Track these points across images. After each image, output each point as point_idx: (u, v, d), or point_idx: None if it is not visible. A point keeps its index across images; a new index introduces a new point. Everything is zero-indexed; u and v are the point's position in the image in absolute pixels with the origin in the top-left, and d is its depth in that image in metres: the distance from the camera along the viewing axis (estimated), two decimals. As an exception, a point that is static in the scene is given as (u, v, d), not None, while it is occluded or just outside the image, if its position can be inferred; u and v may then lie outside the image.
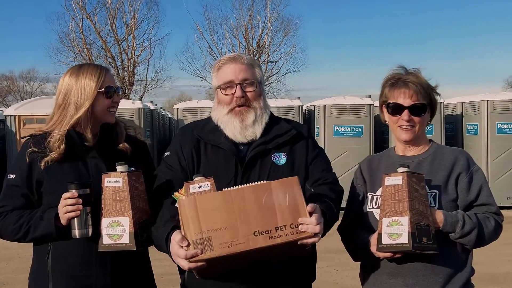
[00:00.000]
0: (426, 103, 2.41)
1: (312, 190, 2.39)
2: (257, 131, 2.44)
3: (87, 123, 2.48)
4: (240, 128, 2.42)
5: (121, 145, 2.58)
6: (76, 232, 2.29)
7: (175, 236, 2.13)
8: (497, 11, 55.89)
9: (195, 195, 2.15)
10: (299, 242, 2.10)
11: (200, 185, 2.18)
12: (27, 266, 2.59)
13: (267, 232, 2.08)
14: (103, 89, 2.47)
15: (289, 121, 2.62)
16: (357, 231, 2.47)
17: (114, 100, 2.52)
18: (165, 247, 2.20)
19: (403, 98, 2.40)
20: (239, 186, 2.19)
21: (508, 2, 50.57)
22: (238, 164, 2.41)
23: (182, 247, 2.09)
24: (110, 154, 2.51)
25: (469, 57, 59.56)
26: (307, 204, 2.14)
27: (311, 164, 2.47)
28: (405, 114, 2.40)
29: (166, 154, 2.54)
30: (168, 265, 2.62)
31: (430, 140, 2.55)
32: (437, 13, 54.47)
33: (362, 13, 55.00)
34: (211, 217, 2.10)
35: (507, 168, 10.57)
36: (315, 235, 2.10)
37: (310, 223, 2.09)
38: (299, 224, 2.09)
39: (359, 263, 2.61)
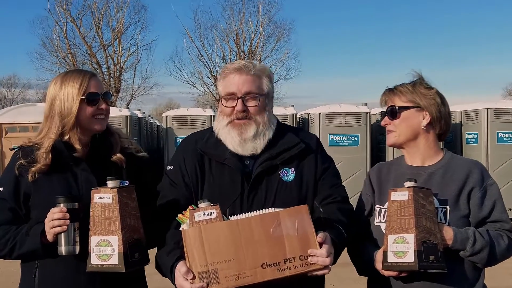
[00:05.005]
0: (402, 107, 2.44)
1: (321, 209, 2.38)
2: (258, 146, 2.39)
3: (74, 133, 2.46)
4: (239, 142, 2.38)
5: (114, 156, 2.54)
6: (63, 249, 2.26)
7: (180, 268, 2.14)
8: (496, 18, 56.40)
9: (200, 224, 2.15)
10: (308, 274, 2.11)
11: (205, 213, 2.18)
12: (10, 281, 2.57)
13: (275, 265, 2.09)
14: (84, 96, 2.44)
15: (297, 131, 2.58)
16: (363, 244, 2.46)
17: (100, 107, 2.48)
18: (169, 277, 2.22)
19: (384, 104, 2.53)
20: (246, 214, 2.19)
21: (506, 9, 51.05)
22: (245, 182, 2.37)
23: (187, 279, 2.10)
24: (103, 166, 2.49)
25: (467, 65, 59.97)
26: (316, 233, 2.13)
27: (320, 179, 2.45)
28: (385, 119, 2.51)
29: (169, 168, 2.51)
30: (157, 279, 2.61)
31: (443, 149, 2.54)
32: (433, 19, 54.82)
33: (356, 19, 55.30)
34: (217, 248, 2.11)
35: (508, 178, 10.61)
36: (325, 267, 2.10)
37: (320, 255, 2.09)
38: (309, 256, 2.09)
39: (356, 277, 2.61)
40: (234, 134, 2.39)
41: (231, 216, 2.20)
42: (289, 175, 2.42)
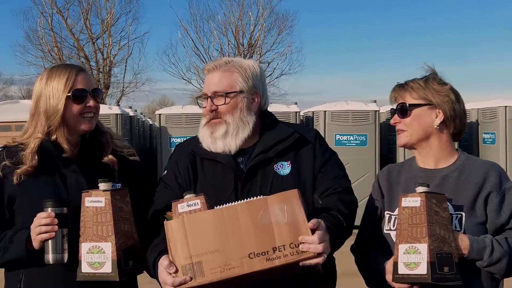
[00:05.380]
0: (413, 104, 2.44)
1: (320, 202, 2.42)
2: (231, 144, 2.47)
3: (61, 132, 2.47)
4: (211, 140, 2.49)
5: (106, 158, 2.56)
6: (50, 257, 2.27)
7: (163, 262, 2.17)
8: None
9: (184, 215, 2.17)
10: (300, 264, 2.10)
11: (189, 204, 2.20)
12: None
13: (263, 254, 2.09)
14: (70, 93, 2.45)
15: (291, 124, 2.65)
16: (372, 253, 2.48)
17: (89, 104, 2.49)
18: (153, 274, 2.25)
19: (394, 101, 2.52)
20: (232, 203, 2.20)
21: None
22: (238, 178, 2.44)
23: (170, 273, 2.12)
24: (94, 168, 2.51)
25: (481, 61, 59.72)
26: (309, 220, 2.14)
27: (320, 172, 2.49)
28: (394, 117, 2.50)
29: (163, 173, 2.61)
30: (150, 288, 2.63)
31: (458, 150, 2.53)
32: (444, 15, 54.58)
33: (364, 12, 55.19)
34: (201, 239, 2.12)
35: (528, 182, 10.60)
36: (319, 255, 2.10)
37: (312, 242, 2.09)
38: (300, 243, 2.10)
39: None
40: (207, 133, 2.50)
41: (217, 206, 2.21)
42: (284, 168, 2.48)
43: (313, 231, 2.12)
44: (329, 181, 2.47)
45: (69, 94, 2.45)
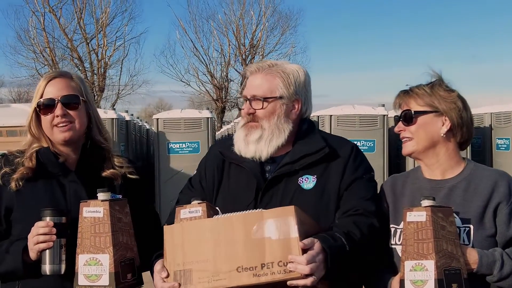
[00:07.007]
0: (418, 111, 2.45)
1: (337, 222, 2.42)
2: (263, 150, 2.52)
3: (49, 143, 2.54)
4: (244, 143, 2.54)
5: (108, 171, 2.61)
6: (47, 268, 2.31)
7: (156, 266, 2.27)
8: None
9: (183, 222, 2.25)
10: (288, 283, 2.13)
11: (191, 210, 2.28)
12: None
13: (251, 269, 2.13)
14: (36, 106, 2.52)
15: (328, 136, 2.67)
16: (378, 269, 2.49)
17: (57, 113, 2.50)
18: (152, 277, 2.33)
19: (398, 108, 2.56)
20: (231, 214, 2.25)
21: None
22: (260, 187, 2.49)
23: (161, 278, 2.21)
24: (93, 179, 2.55)
25: (496, 59, 59.51)
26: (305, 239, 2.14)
27: (346, 190, 2.49)
28: (399, 125, 2.51)
29: (194, 173, 2.70)
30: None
31: (465, 159, 2.54)
32: (457, 9, 54.48)
33: (371, 9, 55.25)
34: (195, 247, 2.19)
35: (544, 190, 10.53)
36: (306, 276, 2.10)
37: (300, 262, 2.09)
38: (289, 262, 2.11)
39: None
40: (242, 135, 2.56)
41: (216, 215, 2.28)
42: (309, 182, 2.51)
43: (304, 250, 2.13)
44: (353, 201, 2.47)
45: (36, 106, 2.53)
